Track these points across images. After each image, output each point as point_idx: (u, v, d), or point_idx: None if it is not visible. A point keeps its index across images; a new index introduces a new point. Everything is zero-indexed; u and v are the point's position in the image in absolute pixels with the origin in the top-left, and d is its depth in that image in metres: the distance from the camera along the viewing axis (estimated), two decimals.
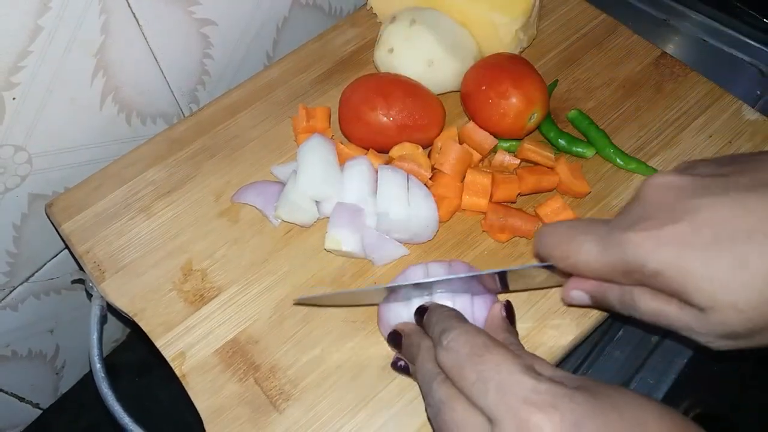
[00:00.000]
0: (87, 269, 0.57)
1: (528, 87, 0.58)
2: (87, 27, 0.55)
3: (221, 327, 0.54)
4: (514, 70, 0.59)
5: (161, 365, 0.53)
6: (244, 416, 0.50)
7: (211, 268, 0.57)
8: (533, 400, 0.34)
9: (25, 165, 0.60)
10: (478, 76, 0.60)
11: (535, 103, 0.58)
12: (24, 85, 0.54)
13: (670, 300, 0.38)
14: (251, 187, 0.60)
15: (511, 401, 0.34)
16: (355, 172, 0.57)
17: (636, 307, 0.41)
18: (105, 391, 0.55)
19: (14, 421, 0.80)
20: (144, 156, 0.63)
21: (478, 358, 0.37)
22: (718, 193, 0.36)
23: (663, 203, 0.38)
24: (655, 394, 0.58)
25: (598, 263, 0.40)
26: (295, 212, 0.57)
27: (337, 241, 0.55)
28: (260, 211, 0.59)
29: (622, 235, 0.38)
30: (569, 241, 0.42)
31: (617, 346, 0.61)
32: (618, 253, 0.39)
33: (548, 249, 0.44)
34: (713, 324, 0.36)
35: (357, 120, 0.59)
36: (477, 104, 0.60)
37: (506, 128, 0.59)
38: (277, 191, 0.59)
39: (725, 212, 0.35)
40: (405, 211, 0.54)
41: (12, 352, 0.72)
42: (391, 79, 0.60)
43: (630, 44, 0.69)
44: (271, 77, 0.68)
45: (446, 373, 0.39)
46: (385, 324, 0.50)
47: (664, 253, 0.36)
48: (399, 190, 0.55)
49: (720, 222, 0.35)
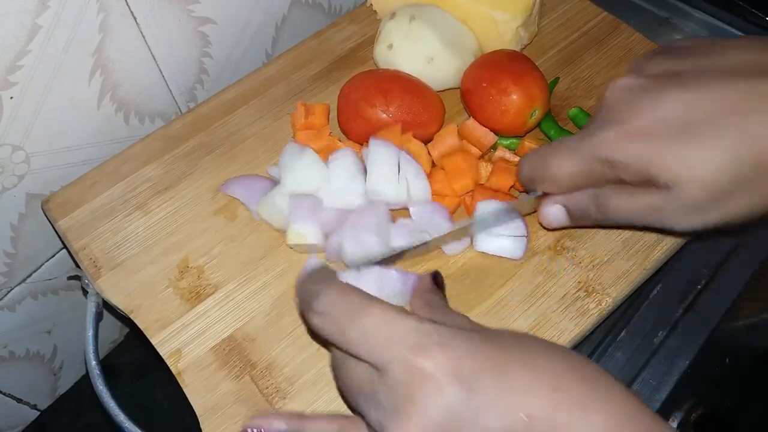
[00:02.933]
0: (83, 266, 0.57)
1: (529, 84, 0.58)
2: (85, 26, 0.55)
3: (217, 324, 0.54)
4: (515, 67, 0.59)
5: (159, 366, 0.53)
6: (240, 414, 0.50)
7: (207, 266, 0.56)
8: (417, 343, 0.34)
9: (23, 164, 0.59)
10: (478, 72, 0.60)
11: (536, 101, 0.58)
12: (22, 84, 0.54)
13: (640, 189, 0.42)
14: (239, 180, 0.60)
15: (396, 348, 0.34)
16: (340, 164, 0.56)
17: (609, 205, 0.45)
18: (100, 388, 0.54)
19: (12, 422, 0.80)
20: (141, 153, 0.63)
21: (359, 317, 0.36)
22: (677, 86, 0.40)
23: (626, 102, 0.42)
24: (658, 396, 0.57)
25: (574, 169, 0.44)
26: (273, 214, 0.56)
27: (301, 236, 0.54)
28: (245, 205, 0.59)
29: (592, 138, 0.42)
30: (545, 160, 0.46)
31: (619, 347, 0.60)
32: (589, 156, 0.43)
33: (528, 173, 0.48)
34: (680, 200, 0.40)
35: (356, 116, 0.58)
36: (478, 101, 0.59)
37: (507, 125, 0.58)
38: (263, 187, 0.58)
39: (685, 103, 0.40)
40: (395, 188, 0.54)
41: (9, 352, 0.72)
42: (390, 76, 0.60)
43: (631, 43, 0.68)
44: (270, 74, 0.68)
45: (327, 339, 0.38)
46: None
47: (632, 145, 0.41)
48: (389, 169, 0.54)
49: (680, 111, 0.39)
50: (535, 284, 0.54)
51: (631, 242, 0.56)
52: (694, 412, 0.58)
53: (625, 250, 0.55)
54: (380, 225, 0.53)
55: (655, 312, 0.61)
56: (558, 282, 0.54)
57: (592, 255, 0.55)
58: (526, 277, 0.55)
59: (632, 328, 0.60)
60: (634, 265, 0.55)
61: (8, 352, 0.72)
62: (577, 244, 0.56)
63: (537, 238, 0.56)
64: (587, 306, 0.53)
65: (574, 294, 0.54)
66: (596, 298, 0.54)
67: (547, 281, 0.54)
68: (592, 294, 0.54)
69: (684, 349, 0.58)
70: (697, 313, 0.60)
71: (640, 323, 0.61)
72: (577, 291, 0.54)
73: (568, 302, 0.53)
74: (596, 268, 0.55)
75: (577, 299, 0.53)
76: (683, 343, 0.59)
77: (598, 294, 0.54)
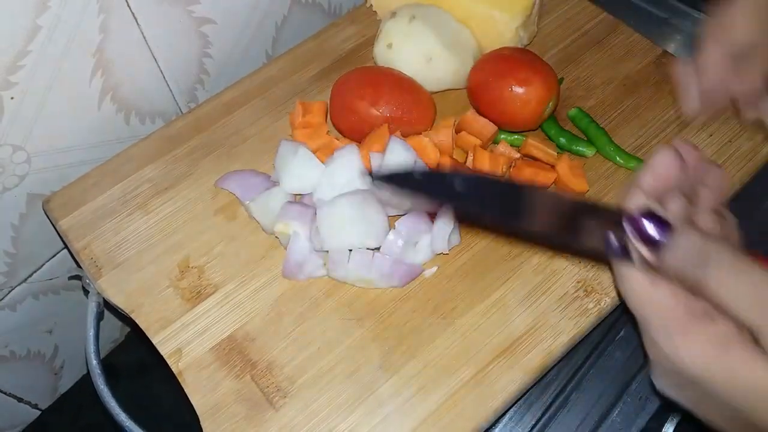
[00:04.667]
0: (84, 265, 0.57)
1: (547, 73, 0.58)
2: (86, 26, 0.55)
3: (218, 324, 0.54)
4: (530, 59, 0.59)
5: (159, 365, 0.53)
6: (241, 413, 0.50)
7: (208, 265, 0.56)
8: None
9: (24, 165, 0.60)
10: (492, 66, 0.60)
11: (553, 91, 0.58)
12: (23, 85, 0.54)
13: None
14: (235, 175, 0.60)
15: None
16: (345, 162, 0.56)
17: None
18: (101, 387, 0.55)
19: (13, 422, 0.80)
20: (141, 153, 0.63)
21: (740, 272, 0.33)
22: None
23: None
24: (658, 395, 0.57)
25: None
26: (265, 215, 0.56)
27: (285, 225, 0.54)
28: (239, 200, 0.59)
29: None
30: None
31: (618, 346, 0.60)
32: None
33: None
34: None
35: (345, 110, 0.59)
36: (492, 95, 0.59)
37: (526, 117, 0.58)
38: (258, 183, 0.59)
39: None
40: None
41: (10, 352, 0.72)
42: (381, 71, 0.61)
43: (631, 43, 0.68)
44: (270, 74, 0.68)
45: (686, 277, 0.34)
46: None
47: None
48: None
49: None
50: (534, 284, 0.54)
51: None
52: None
53: None
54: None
55: None
56: (557, 282, 0.54)
57: None
58: (526, 277, 0.55)
59: (631, 327, 0.60)
60: None
61: (9, 351, 0.72)
62: None
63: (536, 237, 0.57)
64: (586, 305, 0.53)
65: (573, 294, 0.54)
66: (595, 297, 0.54)
67: (547, 281, 0.55)
68: (591, 294, 0.54)
69: None
70: None
71: None
72: (576, 291, 0.54)
73: (568, 302, 0.53)
74: (595, 267, 0.55)
75: (576, 299, 0.54)
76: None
77: (597, 294, 0.54)
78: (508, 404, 0.51)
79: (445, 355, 0.52)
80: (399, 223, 0.54)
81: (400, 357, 0.52)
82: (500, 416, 0.57)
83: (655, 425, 0.58)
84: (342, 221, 0.53)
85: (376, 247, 0.54)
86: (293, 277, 0.55)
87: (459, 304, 0.54)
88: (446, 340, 0.52)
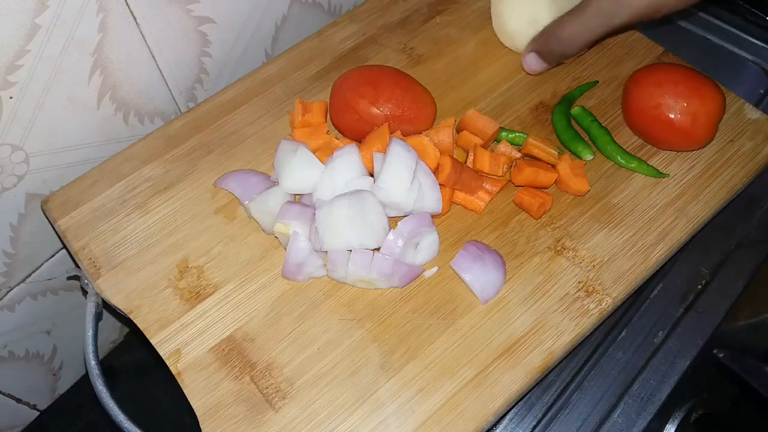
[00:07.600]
0: (82, 266, 0.57)
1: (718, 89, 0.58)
2: (84, 25, 0.55)
3: (217, 324, 0.54)
4: (697, 74, 0.58)
5: (158, 366, 0.53)
6: (240, 414, 0.50)
7: (207, 266, 0.56)
8: None
9: (23, 164, 0.59)
10: (665, 83, 0.58)
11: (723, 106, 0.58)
12: (21, 84, 0.54)
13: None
14: (234, 175, 0.60)
15: None
16: (344, 161, 0.56)
17: (562, 34, 0.57)
18: (100, 388, 0.54)
19: (11, 423, 0.80)
20: (140, 152, 0.63)
21: None
22: None
23: None
24: (658, 395, 0.57)
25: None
26: (263, 215, 0.56)
27: (284, 225, 0.54)
28: (238, 200, 0.59)
29: None
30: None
31: (619, 347, 0.60)
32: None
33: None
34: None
35: (345, 108, 0.58)
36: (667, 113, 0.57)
37: (701, 135, 0.58)
38: (258, 183, 0.58)
39: None
40: (405, 193, 0.54)
41: (9, 353, 0.72)
42: (382, 70, 0.60)
43: (632, 42, 0.68)
44: (269, 73, 0.68)
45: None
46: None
47: None
48: (405, 173, 0.54)
49: None
50: (535, 284, 0.54)
51: (631, 242, 0.56)
52: (694, 412, 0.58)
53: (625, 250, 0.55)
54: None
55: (655, 312, 0.61)
56: (558, 282, 0.54)
57: (592, 255, 0.55)
58: (527, 277, 0.55)
59: (632, 328, 0.60)
60: (634, 265, 0.55)
61: (8, 352, 0.72)
62: (577, 244, 0.56)
63: (537, 238, 0.56)
64: (587, 306, 0.53)
65: (574, 294, 0.54)
66: (596, 298, 0.53)
67: (548, 281, 0.54)
68: (592, 294, 0.54)
69: (684, 349, 0.58)
70: (697, 313, 0.60)
71: (640, 323, 0.61)
72: (577, 291, 0.54)
73: (569, 302, 0.53)
74: (596, 268, 0.55)
75: (577, 299, 0.53)
76: (683, 343, 0.59)
77: (599, 294, 0.54)
78: (509, 405, 0.51)
79: (446, 355, 0.51)
80: (402, 223, 0.54)
81: (400, 358, 0.51)
82: (501, 417, 0.57)
83: (657, 426, 0.58)
84: (341, 221, 0.52)
85: (376, 248, 0.54)
86: (293, 277, 0.55)
87: (459, 304, 0.54)
88: (447, 341, 0.52)
